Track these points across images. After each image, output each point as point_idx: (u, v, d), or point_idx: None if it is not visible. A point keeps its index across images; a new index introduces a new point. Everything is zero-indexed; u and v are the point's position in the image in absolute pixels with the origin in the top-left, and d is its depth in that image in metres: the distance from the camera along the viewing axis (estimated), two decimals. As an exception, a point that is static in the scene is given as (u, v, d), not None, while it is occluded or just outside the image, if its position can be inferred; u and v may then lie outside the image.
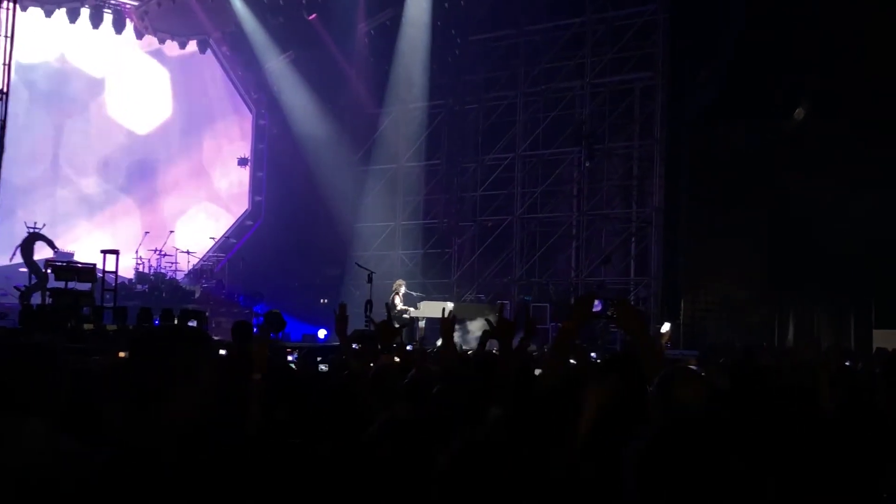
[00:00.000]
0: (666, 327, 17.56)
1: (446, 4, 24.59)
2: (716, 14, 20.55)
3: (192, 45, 27.25)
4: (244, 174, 29.02)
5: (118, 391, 3.44)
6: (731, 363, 4.27)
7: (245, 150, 29.03)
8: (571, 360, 5.27)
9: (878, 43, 18.46)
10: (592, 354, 11.97)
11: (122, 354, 4.64)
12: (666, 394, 3.60)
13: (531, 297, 23.58)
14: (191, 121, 27.96)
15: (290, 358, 12.05)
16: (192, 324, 15.73)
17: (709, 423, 2.36)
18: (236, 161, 28.62)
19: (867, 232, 18.99)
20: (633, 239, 23.25)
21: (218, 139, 28.76)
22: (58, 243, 20.07)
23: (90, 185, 25.66)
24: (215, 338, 13.48)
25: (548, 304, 22.74)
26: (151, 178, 26.90)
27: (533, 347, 12.38)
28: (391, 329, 6.26)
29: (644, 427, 2.43)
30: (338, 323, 6.19)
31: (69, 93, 25.53)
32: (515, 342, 5.17)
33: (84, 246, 22.68)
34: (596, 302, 4.48)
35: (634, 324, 4.25)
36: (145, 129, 26.79)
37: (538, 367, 5.30)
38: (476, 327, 18.27)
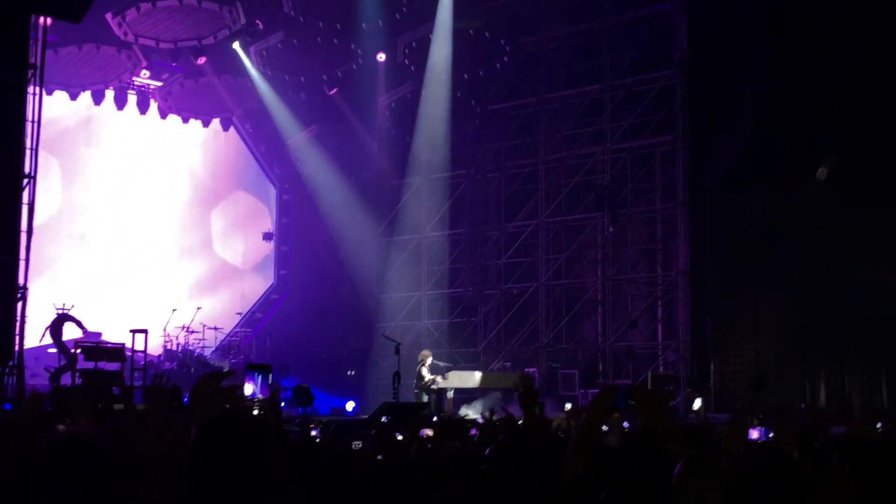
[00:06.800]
0: (698, 404, 17.50)
1: (465, 76, 24.83)
2: (735, 76, 20.64)
3: (216, 123, 27.61)
4: (269, 249, 29.19)
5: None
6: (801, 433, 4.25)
7: (269, 224, 29.24)
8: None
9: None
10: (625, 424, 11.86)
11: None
12: None
13: (559, 363, 23.47)
14: (216, 196, 28.25)
15: (313, 433, 11.87)
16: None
17: None
18: (261, 236, 28.81)
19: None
20: (659, 303, 23.16)
21: (242, 215, 28.99)
22: (85, 322, 20.12)
23: (118, 261, 25.82)
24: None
25: (576, 371, 22.66)
26: (177, 255, 27.12)
27: (561, 415, 12.27)
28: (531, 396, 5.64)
29: None
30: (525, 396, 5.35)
31: (94, 171, 25.86)
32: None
33: (112, 324, 22.77)
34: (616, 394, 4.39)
35: (651, 409, 4.17)
36: (170, 206, 27.07)
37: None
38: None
